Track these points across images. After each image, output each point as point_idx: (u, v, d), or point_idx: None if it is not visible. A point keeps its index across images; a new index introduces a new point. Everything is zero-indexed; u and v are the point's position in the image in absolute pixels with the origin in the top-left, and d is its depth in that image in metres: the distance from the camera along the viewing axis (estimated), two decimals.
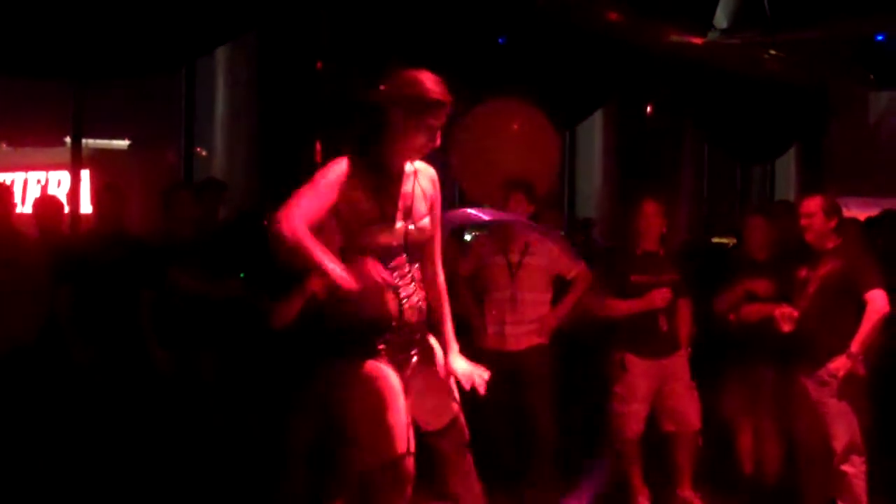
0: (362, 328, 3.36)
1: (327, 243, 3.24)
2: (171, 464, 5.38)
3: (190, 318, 5.55)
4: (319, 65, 7.50)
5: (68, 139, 7.52)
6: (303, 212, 3.21)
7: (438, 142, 3.42)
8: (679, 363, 5.66)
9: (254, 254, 5.85)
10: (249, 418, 5.44)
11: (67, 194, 7.47)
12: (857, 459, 5.09)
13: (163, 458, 5.40)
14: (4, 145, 9.87)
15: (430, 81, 3.37)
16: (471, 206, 3.53)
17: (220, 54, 7.93)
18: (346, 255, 3.28)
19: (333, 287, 3.21)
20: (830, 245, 5.25)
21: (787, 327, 5.23)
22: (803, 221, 5.29)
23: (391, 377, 3.37)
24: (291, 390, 5.04)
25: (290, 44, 7.53)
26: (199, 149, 8.41)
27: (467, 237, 8.59)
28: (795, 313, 5.22)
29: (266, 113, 7.67)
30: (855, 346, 5.04)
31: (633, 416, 5.59)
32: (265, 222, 6.03)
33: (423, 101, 3.33)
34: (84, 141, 7.60)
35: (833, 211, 5.27)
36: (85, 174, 7.62)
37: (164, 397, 5.50)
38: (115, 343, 5.55)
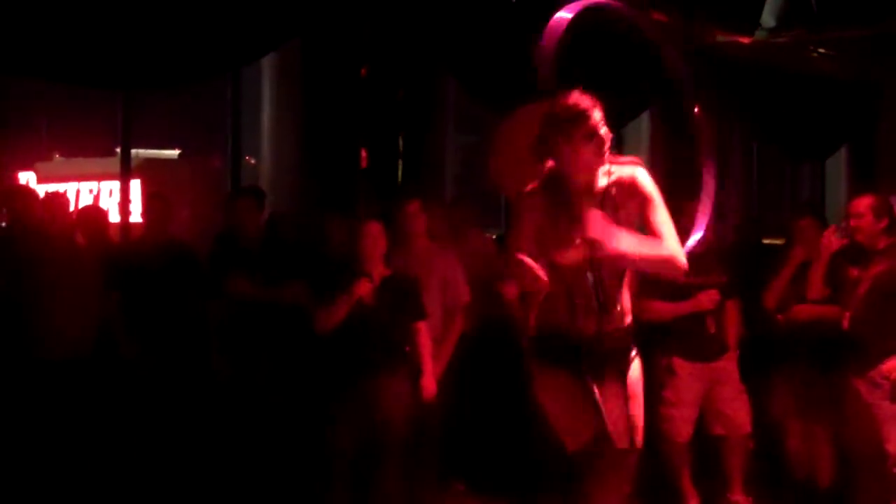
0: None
1: None
2: (222, 470, 5.43)
3: (249, 325, 5.59)
4: (364, 71, 7.54)
5: (119, 149, 7.63)
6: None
7: (606, 144, 3.43)
8: (728, 366, 5.61)
9: (299, 258, 5.92)
10: (298, 426, 5.47)
11: (119, 204, 7.58)
12: None
13: (215, 465, 5.45)
14: (57, 156, 10.05)
15: (585, 97, 3.42)
16: None
17: (266, 62, 8.01)
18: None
19: None
20: (882, 245, 5.20)
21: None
22: (853, 222, 5.24)
23: (569, 379, 3.50)
24: (336, 396, 5.06)
25: (335, 51, 7.58)
26: (247, 157, 8.50)
27: None
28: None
29: (311, 120, 7.73)
30: None
31: (682, 419, 5.54)
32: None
33: (579, 113, 3.36)
34: (135, 151, 7.70)
35: (884, 211, 5.22)
36: (136, 183, 7.72)
37: (220, 404, 5.54)
38: (166, 348, 5.61)
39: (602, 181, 3.49)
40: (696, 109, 3.86)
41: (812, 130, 11.35)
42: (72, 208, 6.34)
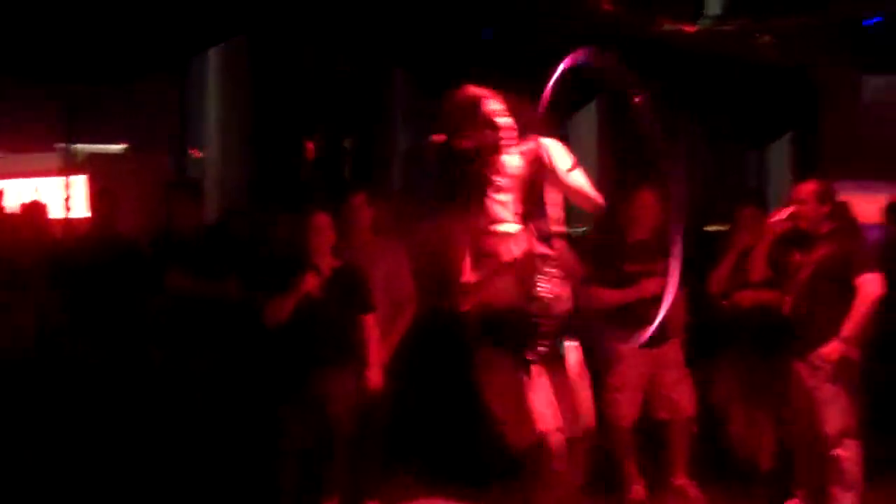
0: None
1: None
2: (165, 462, 5.41)
3: (185, 319, 5.57)
4: (312, 65, 7.53)
5: (62, 145, 7.55)
6: None
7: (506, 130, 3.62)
8: (672, 351, 5.68)
9: (246, 253, 5.90)
10: (244, 417, 5.47)
11: (63, 199, 7.51)
12: (850, 444, 5.09)
13: (157, 457, 5.43)
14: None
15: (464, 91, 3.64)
16: None
17: (213, 55, 7.96)
18: None
19: None
20: (824, 230, 5.27)
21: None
22: (796, 208, 5.31)
23: (520, 367, 3.54)
24: (285, 389, 5.07)
25: (282, 45, 7.56)
26: (193, 150, 8.45)
27: None
28: None
29: (258, 114, 7.71)
30: (847, 330, 5.05)
31: (626, 404, 5.60)
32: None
33: (463, 108, 3.59)
34: (80, 146, 7.62)
35: (826, 196, 5.28)
36: (81, 179, 7.65)
37: (160, 397, 5.52)
38: (111, 343, 5.58)
39: (515, 162, 3.63)
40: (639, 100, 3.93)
41: (755, 118, 11.49)
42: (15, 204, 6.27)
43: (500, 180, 3.59)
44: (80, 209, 7.45)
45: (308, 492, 5.06)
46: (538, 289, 3.55)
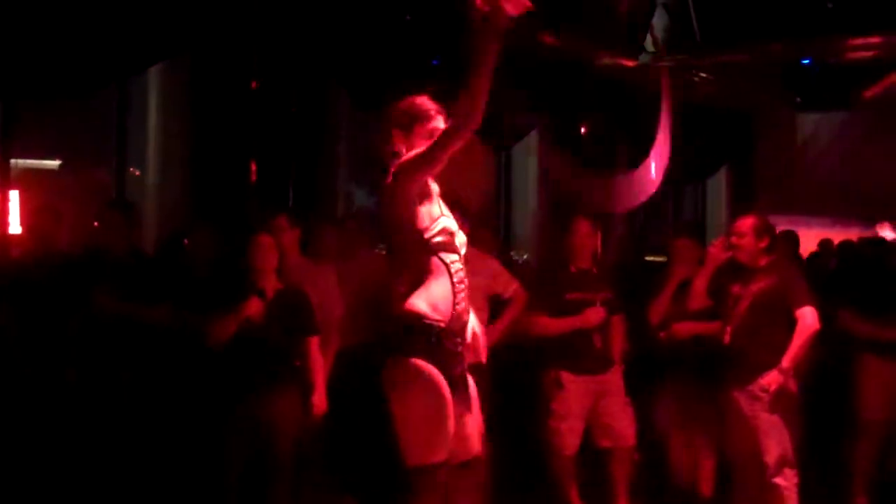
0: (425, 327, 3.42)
1: None
2: (97, 485, 5.28)
3: (113, 338, 5.46)
4: (254, 84, 7.48)
5: None
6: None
7: None
8: (613, 379, 5.71)
9: (185, 273, 5.81)
10: (180, 440, 5.36)
11: None
12: (789, 472, 5.17)
13: (92, 478, 5.29)
14: None
15: (419, 97, 3.62)
16: None
17: (153, 73, 7.87)
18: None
19: None
20: (762, 263, 5.36)
21: None
22: (734, 240, 5.40)
23: (444, 385, 3.43)
24: (223, 411, 4.98)
25: (225, 63, 7.49)
26: (132, 169, 8.33)
27: None
28: None
29: (199, 133, 7.62)
30: (786, 362, 5.13)
31: (568, 432, 5.61)
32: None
33: (426, 112, 3.56)
34: (14, 161, 7.47)
35: (765, 231, 5.39)
36: (14, 194, 7.48)
37: (84, 416, 5.39)
38: (48, 360, 5.45)
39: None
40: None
41: (693, 152, 11.67)
42: None
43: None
44: (14, 225, 7.28)
45: None
46: (460, 305, 3.51)
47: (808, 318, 5.18)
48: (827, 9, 9.13)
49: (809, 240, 9.00)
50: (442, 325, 3.44)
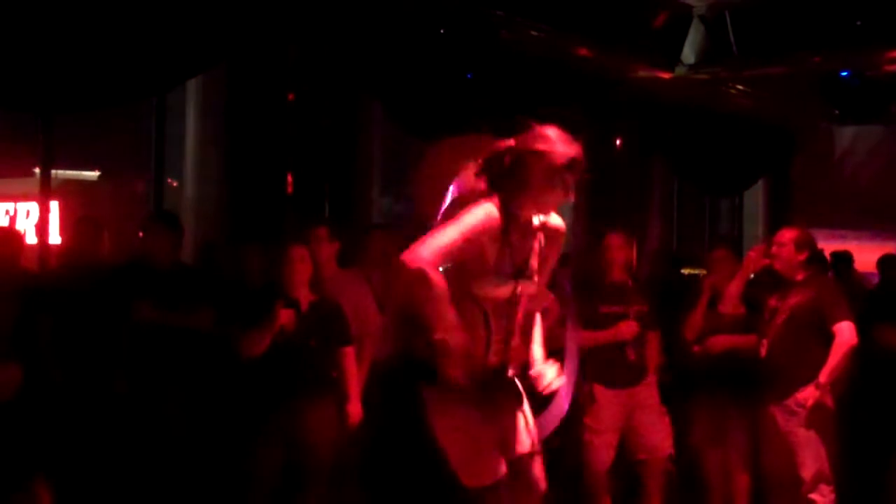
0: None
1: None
2: (138, 492, 5.32)
3: (158, 350, 5.50)
4: (290, 96, 7.52)
5: (37, 170, 7.47)
6: (436, 246, 3.24)
7: (571, 197, 3.42)
8: (647, 392, 5.70)
9: (223, 284, 5.85)
10: (215, 450, 5.39)
11: (36, 225, 7.41)
12: (825, 489, 5.13)
13: (131, 484, 5.33)
14: None
15: (560, 139, 3.38)
16: None
17: (191, 85, 7.93)
18: (454, 297, 3.28)
19: (434, 337, 3.24)
20: (800, 277, 5.33)
21: None
22: (773, 249, 5.39)
23: (473, 411, 3.44)
24: (257, 421, 5.00)
25: (261, 75, 7.54)
26: (169, 179, 8.40)
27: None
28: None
29: (236, 144, 7.67)
30: (823, 377, 5.11)
31: (602, 447, 5.60)
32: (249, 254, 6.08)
33: (559, 157, 3.33)
34: (54, 172, 7.55)
35: (805, 245, 5.37)
36: (54, 205, 7.57)
37: (131, 428, 5.43)
38: (91, 373, 5.49)
39: (535, 221, 3.51)
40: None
41: (729, 165, 11.60)
42: None
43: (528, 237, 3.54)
44: (54, 235, 7.36)
45: None
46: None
47: (845, 333, 5.15)
48: (865, 21, 9.05)
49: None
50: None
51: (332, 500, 5.17)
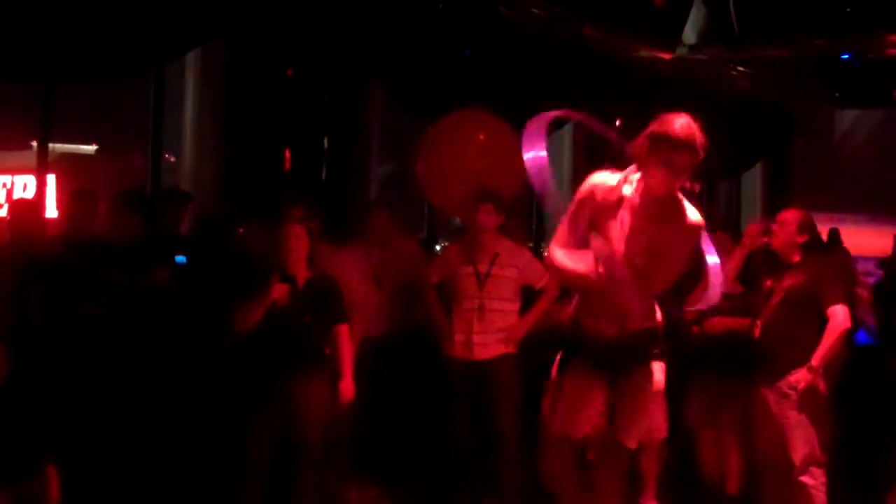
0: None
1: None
2: (128, 468, 5.33)
3: (146, 323, 5.51)
4: (289, 72, 7.49)
5: (35, 143, 7.46)
6: (558, 237, 3.76)
7: (683, 183, 3.74)
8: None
9: (218, 261, 5.85)
10: (209, 425, 5.40)
11: (33, 198, 7.41)
12: (816, 471, 5.14)
13: (121, 461, 5.34)
14: None
15: (678, 122, 3.65)
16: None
17: (190, 59, 7.91)
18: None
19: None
20: (796, 258, 5.32)
21: None
22: (774, 227, 5.37)
23: (595, 379, 3.85)
24: (251, 395, 5.01)
25: (260, 51, 7.51)
26: (167, 154, 8.38)
27: (437, 247, 8.62)
28: None
29: (235, 119, 7.65)
30: (816, 360, 5.11)
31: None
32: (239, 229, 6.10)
33: (667, 139, 3.60)
34: (51, 145, 7.54)
35: (806, 227, 5.36)
36: (51, 179, 7.56)
37: (123, 407, 5.44)
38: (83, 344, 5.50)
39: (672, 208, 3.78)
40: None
41: (728, 147, 11.57)
42: None
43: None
44: (50, 209, 7.35)
45: (274, 501, 4.99)
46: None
47: (839, 316, 5.14)
48: (868, 4, 9.01)
49: (845, 236, 8.93)
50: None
51: (325, 475, 5.18)
